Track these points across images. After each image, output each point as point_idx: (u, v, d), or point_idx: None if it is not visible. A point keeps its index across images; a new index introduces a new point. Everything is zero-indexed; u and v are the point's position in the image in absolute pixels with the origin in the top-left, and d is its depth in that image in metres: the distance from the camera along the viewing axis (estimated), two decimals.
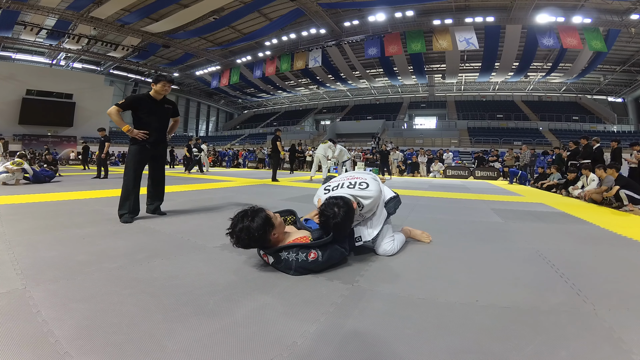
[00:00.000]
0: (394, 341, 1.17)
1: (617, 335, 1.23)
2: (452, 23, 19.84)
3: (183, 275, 1.78)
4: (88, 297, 1.44)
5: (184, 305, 1.39)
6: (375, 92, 37.53)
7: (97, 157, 9.05)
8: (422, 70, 27.36)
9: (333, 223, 1.87)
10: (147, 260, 2.02)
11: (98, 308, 1.34)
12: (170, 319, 1.26)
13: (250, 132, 38.98)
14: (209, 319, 1.28)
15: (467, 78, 31.45)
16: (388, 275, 1.88)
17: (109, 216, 3.42)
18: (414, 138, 27.34)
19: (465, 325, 1.30)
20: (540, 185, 9.37)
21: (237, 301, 1.45)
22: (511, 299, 1.57)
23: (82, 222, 3.13)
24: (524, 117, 29.32)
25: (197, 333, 1.17)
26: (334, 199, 1.97)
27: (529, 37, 19.88)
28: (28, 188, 6.25)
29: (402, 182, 10.48)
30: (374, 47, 22.04)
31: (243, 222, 1.75)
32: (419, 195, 6.46)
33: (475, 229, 3.31)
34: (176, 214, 3.70)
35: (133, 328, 1.19)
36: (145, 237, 2.64)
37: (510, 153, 13.86)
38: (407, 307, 1.45)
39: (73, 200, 4.63)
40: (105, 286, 1.57)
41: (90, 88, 30.94)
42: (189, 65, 31.82)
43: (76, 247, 2.26)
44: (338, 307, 1.43)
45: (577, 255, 2.43)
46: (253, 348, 1.09)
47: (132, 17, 21.16)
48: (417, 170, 16.13)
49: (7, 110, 27.25)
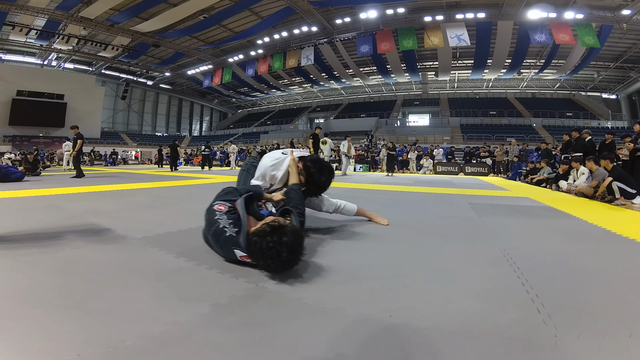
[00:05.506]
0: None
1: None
2: (443, 19, 19.69)
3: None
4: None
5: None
6: (370, 91, 37.36)
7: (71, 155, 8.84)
8: (414, 67, 27.20)
9: (317, 177, 2.13)
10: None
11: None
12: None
13: (244, 132, 38.78)
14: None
15: (460, 75, 31.33)
16: (309, 274, 1.61)
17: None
18: (407, 135, 27.18)
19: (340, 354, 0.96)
20: (530, 180, 9.21)
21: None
22: (440, 316, 1.19)
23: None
24: (517, 114, 29.28)
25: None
26: (320, 158, 2.27)
27: (520, 34, 19.74)
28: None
29: (388, 178, 10.27)
30: (366, 44, 21.86)
31: (281, 240, 1.46)
32: (398, 191, 6.25)
33: (441, 224, 3.04)
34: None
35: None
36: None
37: (501, 148, 13.76)
38: (298, 319, 1.15)
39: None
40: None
41: (82, 88, 30.55)
42: (181, 64, 31.55)
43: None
44: (214, 310, 1.20)
45: (551, 255, 2.05)
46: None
47: (121, 17, 20.83)
48: (407, 167, 16.02)
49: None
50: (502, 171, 14.42)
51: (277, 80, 33.94)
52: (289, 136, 28.91)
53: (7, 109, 27.42)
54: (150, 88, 38.60)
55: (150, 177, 9.30)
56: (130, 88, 35.46)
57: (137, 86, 37.28)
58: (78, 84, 30.68)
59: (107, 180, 7.88)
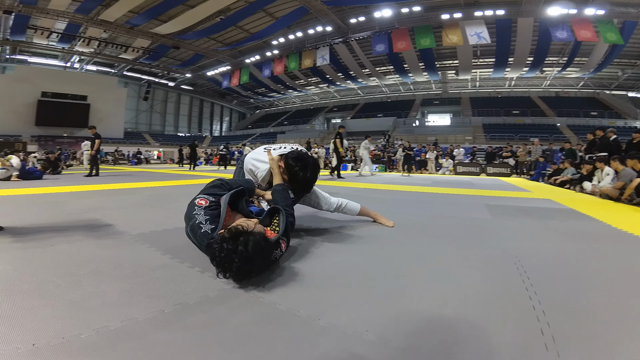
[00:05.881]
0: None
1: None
2: (461, 17, 19.15)
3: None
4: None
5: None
6: (387, 90, 36.84)
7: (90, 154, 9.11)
8: (433, 66, 26.60)
9: (302, 174, 1.98)
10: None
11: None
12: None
13: (262, 132, 39.14)
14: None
15: (481, 74, 30.44)
16: (292, 277, 1.50)
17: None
18: (426, 135, 26.60)
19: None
20: (554, 181, 8.81)
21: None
22: (423, 333, 1.03)
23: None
24: (541, 113, 28.25)
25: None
26: (302, 153, 2.08)
27: (541, 31, 19.01)
28: (12, 184, 6.35)
29: (402, 179, 9.98)
30: (382, 43, 21.55)
31: (237, 250, 1.34)
32: (412, 191, 6.02)
33: (451, 225, 2.88)
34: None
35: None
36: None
37: (524, 148, 13.28)
38: (264, 326, 1.06)
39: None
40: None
41: (104, 90, 31.69)
42: (200, 66, 32.19)
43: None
44: (179, 309, 1.15)
45: (564, 260, 1.87)
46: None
47: (141, 19, 21.46)
48: (425, 167, 15.64)
49: (24, 112, 28.14)
50: (525, 172, 13.91)
51: (294, 80, 34.07)
52: (305, 136, 28.92)
53: (33, 110, 28.75)
54: (172, 89, 39.62)
55: (164, 176, 9.50)
56: (152, 89, 36.56)
57: (159, 87, 38.35)
58: (101, 85, 31.84)
59: (120, 178, 8.08)
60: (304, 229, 2.56)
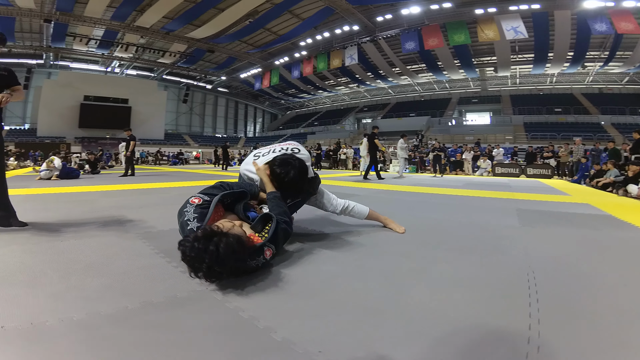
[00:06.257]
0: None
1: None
2: (495, 12, 18.24)
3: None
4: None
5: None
6: (420, 89, 35.79)
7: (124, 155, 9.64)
8: (470, 63, 25.52)
9: (288, 179, 1.89)
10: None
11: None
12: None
13: (292, 132, 39.65)
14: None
15: (521, 71, 28.74)
16: (269, 284, 1.45)
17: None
18: (463, 135, 25.54)
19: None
20: (596, 183, 8.16)
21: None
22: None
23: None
24: (584, 111, 26.17)
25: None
26: (286, 155, 1.97)
27: (579, 24, 17.73)
28: (52, 183, 6.91)
29: (432, 180, 9.49)
30: (412, 40, 20.93)
31: (207, 250, 1.32)
32: (438, 194, 5.71)
33: (469, 233, 2.60)
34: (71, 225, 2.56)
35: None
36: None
37: (566, 148, 12.42)
38: (217, 333, 1.03)
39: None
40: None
41: (145, 93, 33.61)
42: (234, 68, 33.23)
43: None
44: (142, 307, 1.20)
45: (589, 277, 1.60)
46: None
47: (175, 24, 22.53)
48: (461, 169, 14.96)
49: (68, 115, 30.35)
50: (567, 173, 12.99)
51: (323, 81, 34.17)
52: (335, 136, 28.90)
53: (77, 113, 30.93)
54: (209, 92, 41.34)
55: (196, 176, 9.83)
56: (190, 92, 38.40)
57: (197, 90, 40.15)
58: (141, 88, 33.81)
59: (154, 178, 8.51)
60: (307, 232, 2.51)
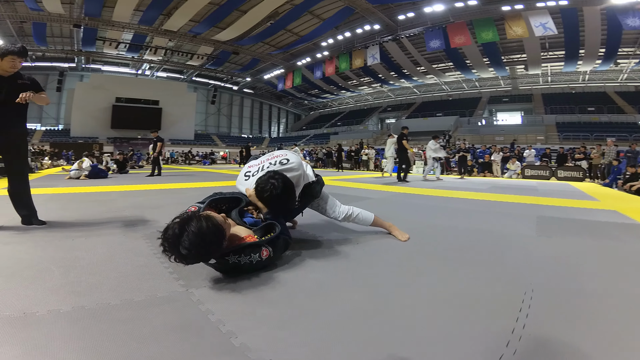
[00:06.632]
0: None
1: None
2: (523, 8, 17.54)
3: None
4: None
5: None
6: (448, 88, 34.82)
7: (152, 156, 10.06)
8: (499, 61, 24.59)
9: (272, 196, 1.85)
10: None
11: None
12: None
13: (315, 133, 39.83)
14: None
15: (552, 69, 27.30)
16: (254, 285, 1.50)
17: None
18: (494, 135, 24.63)
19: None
20: (629, 187, 7.68)
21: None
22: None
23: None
24: (618, 110, 24.45)
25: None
26: (269, 174, 1.92)
27: (609, 19, 16.76)
28: (79, 182, 7.31)
29: (456, 182, 9.02)
30: (437, 39, 20.41)
31: (182, 234, 1.40)
32: (458, 197, 5.40)
33: (477, 243, 2.43)
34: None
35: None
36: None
37: (598, 149, 11.74)
38: (178, 333, 1.07)
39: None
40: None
41: (175, 94, 34.96)
42: (258, 70, 33.91)
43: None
44: (123, 304, 1.26)
45: (599, 298, 1.43)
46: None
47: (201, 27, 23.34)
48: (489, 170, 14.41)
49: (101, 116, 31.98)
50: (599, 176, 12.24)
51: (346, 81, 34.09)
52: (358, 137, 28.71)
53: (109, 114, 32.52)
54: (235, 93, 42.52)
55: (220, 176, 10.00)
56: (218, 93, 39.61)
57: (225, 91, 41.35)
58: (171, 90, 35.19)
59: (179, 178, 8.77)
60: (306, 238, 2.49)
